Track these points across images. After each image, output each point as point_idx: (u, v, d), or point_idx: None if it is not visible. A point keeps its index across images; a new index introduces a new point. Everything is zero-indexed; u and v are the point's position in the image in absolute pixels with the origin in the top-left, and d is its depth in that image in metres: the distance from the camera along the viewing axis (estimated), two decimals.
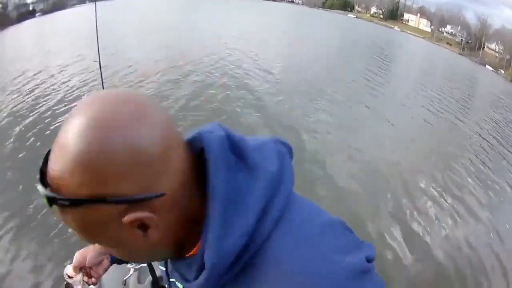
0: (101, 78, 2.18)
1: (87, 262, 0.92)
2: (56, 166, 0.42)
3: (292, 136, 6.73)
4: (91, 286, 0.92)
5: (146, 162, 0.42)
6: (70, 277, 0.92)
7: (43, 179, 0.44)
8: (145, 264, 1.53)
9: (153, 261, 0.59)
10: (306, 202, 0.54)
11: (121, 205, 0.43)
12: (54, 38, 16.27)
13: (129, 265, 1.56)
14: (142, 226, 0.45)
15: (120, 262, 0.99)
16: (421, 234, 4.85)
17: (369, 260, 0.50)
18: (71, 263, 0.93)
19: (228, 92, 9.22)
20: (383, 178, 6.11)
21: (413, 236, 4.78)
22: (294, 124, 7.73)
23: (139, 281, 1.60)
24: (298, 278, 0.44)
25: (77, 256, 0.93)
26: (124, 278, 1.57)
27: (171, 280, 0.63)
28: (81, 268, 0.92)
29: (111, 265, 0.95)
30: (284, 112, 8.44)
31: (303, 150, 6.32)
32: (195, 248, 0.50)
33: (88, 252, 0.93)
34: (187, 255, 0.52)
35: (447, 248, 4.70)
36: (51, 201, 0.42)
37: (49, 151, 0.45)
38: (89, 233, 0.46)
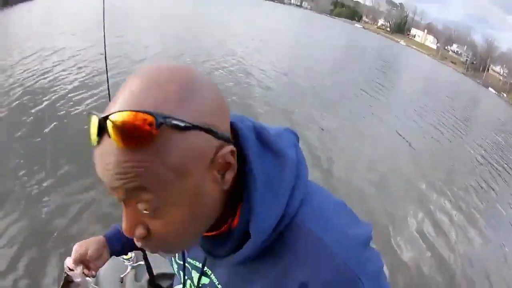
0: (107, 75, 1.93)
1: (88, 255, 0.92)
2: (158, 97, 0.42)
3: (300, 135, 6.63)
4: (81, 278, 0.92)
5: (226, 109, 0.49)
6: (71, 270, 0.92)
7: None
8: (142, 262, 1.48)
9: (192, 245, 0.57)
10: (317, 185, 0.63)
11: (221, 140, 0.46)
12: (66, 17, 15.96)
13: (126, 263, 1.50)
14: (223, 169, 0.48)
15: (118, 254, 1.00)
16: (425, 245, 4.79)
17: None
18: (70, 256, 0.93)
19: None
20: (388, 186, 6.09)
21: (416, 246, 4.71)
22: (302, 124, 7.68)
23: (136, 278, 1.54)
24: (326, 245, 0.50)
25: (77, 248, 0.92)
26: (121, 276, 1.51)
27: (188, 260, 0.68)
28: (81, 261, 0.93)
29: (110, 257, 0.98)
30: (292, 114, 8.38)
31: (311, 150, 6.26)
32: (225, 226, 0.55)
33: (88, 244, 0.93)
34: (216, 233, 0.56)
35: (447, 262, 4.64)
36: (162, 122, 0.40)
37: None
38: (179, 170, 0.43)
